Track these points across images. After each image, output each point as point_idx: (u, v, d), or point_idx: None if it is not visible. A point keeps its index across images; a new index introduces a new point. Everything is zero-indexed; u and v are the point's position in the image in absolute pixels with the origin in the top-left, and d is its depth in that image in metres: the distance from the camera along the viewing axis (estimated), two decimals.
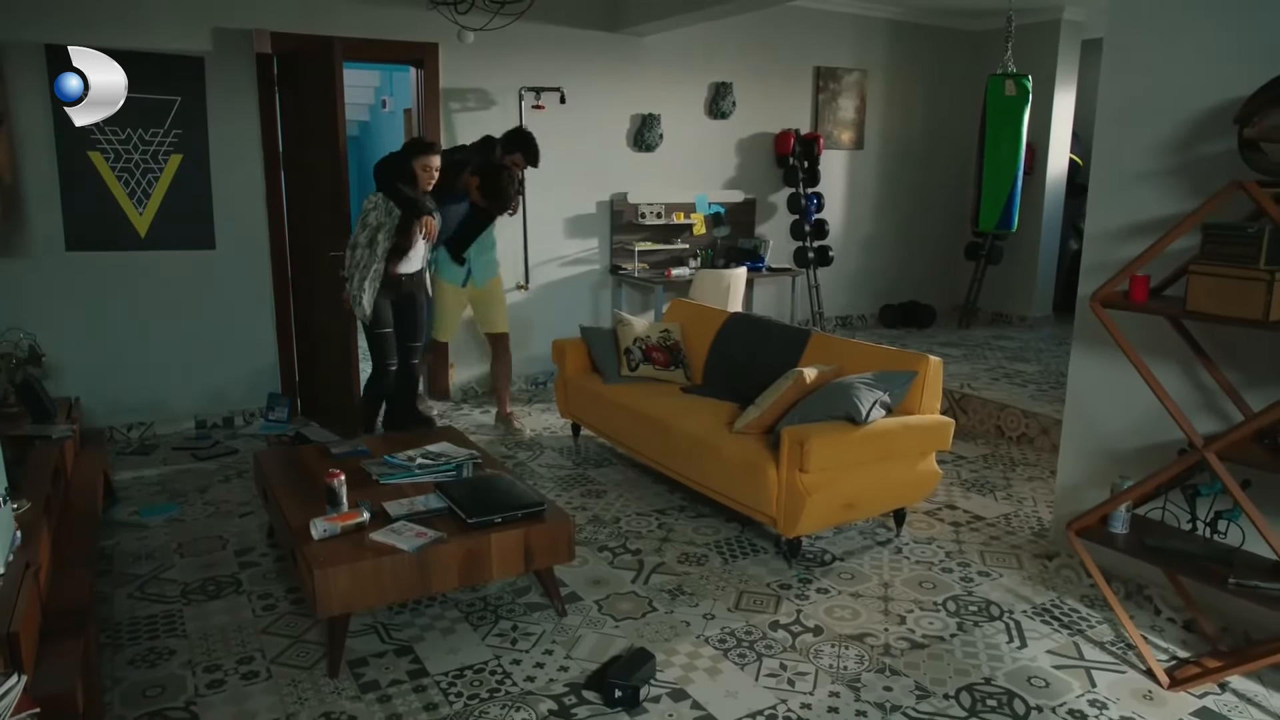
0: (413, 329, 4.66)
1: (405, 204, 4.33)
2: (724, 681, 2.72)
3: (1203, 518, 2.80)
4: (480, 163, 4.91)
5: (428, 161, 4.35)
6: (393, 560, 2.72)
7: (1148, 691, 2.69)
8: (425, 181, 4.38)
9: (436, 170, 4.39)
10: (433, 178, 4.39)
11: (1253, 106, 2.51)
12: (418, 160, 4.35)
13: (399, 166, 4.37)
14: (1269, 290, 2.36)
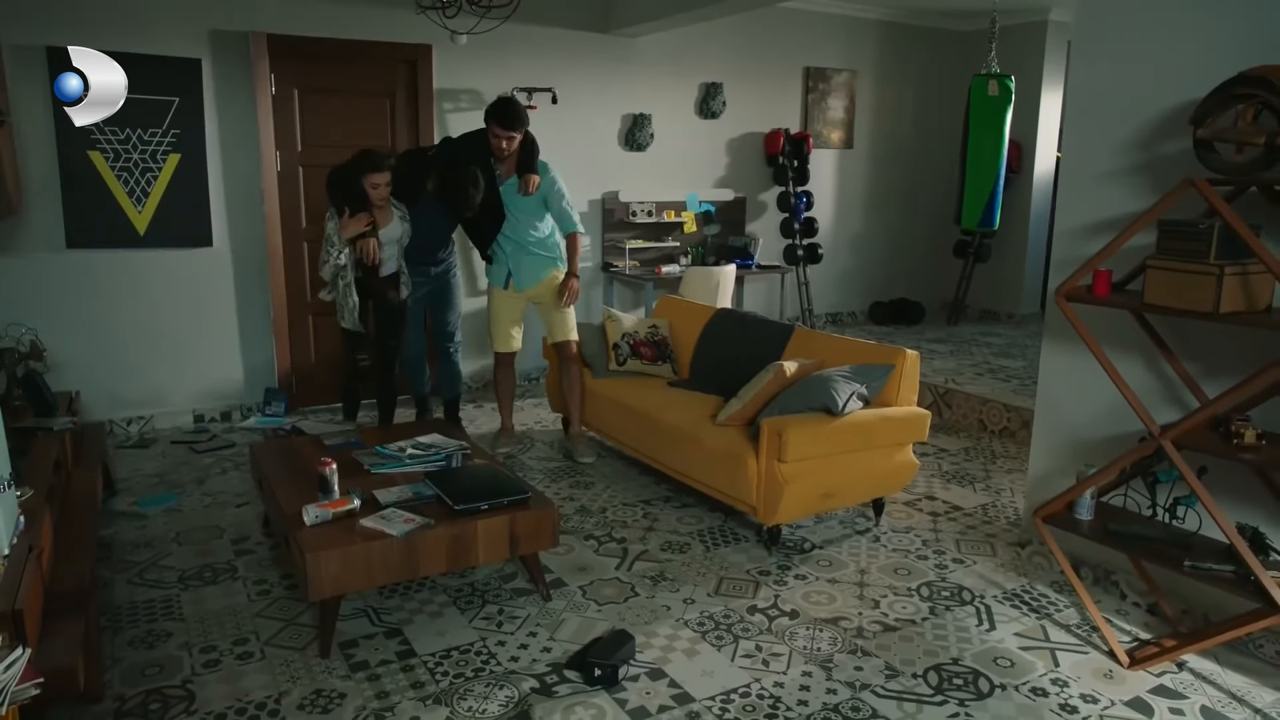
0: (386, 328, 4.68)
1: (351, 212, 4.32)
2: (701, 662, 2.82)
3: (1162, 504, 2.91)
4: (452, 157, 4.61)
5: (374, 179, 4.26)
6: (382, 545, 2.82)
7: (1108, 671, 2.80)
8: (375, 198, 4.30)
9: (384, 186, 4.29)
10: (383, 194, 4.30)
11: (1206, 108, 2.61)
12: (365, 177, 4.26)
13: (349, 183, 4.31)
14: (1219, 284, 2.46)
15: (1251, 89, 2.50)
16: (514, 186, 4.48)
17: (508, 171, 4.49)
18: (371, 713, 2.55)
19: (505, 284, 4.65)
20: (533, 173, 4.44)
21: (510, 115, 4.31)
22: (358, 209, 4.31)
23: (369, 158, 4.28)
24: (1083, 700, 2.64)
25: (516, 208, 4.50)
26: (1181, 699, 2.65)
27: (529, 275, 4.61)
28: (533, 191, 4.44)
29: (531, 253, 4.58)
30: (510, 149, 4.38)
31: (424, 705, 2.58)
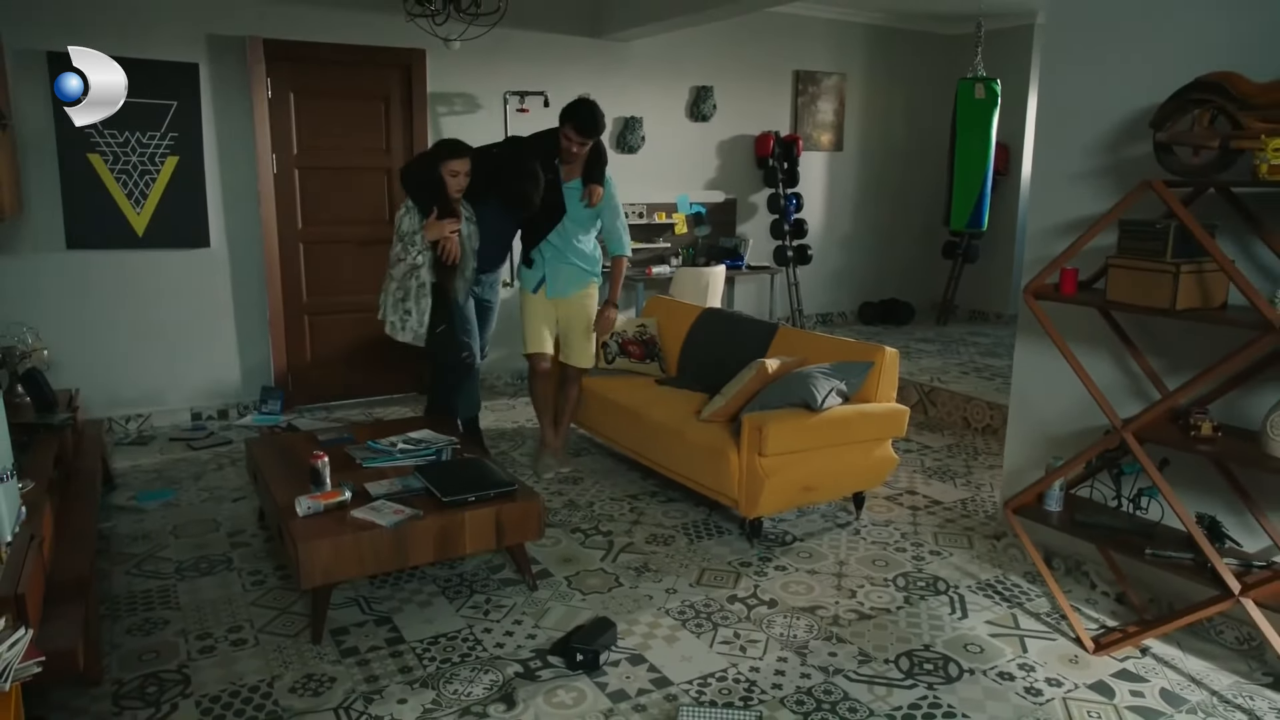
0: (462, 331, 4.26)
1: (434, 210, 3.99)
2: (680, 648, 2.92)
3: (1127, 495, 3.00)
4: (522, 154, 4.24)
5: (453, 166, 3.96)
6: (371, 535, 2.91)
7: (1074, 656, 2.90)
8: (452, 188, 3.98)
9: (464, 175, 3.98)
10: (461, 184, 3.99)
11: (1165, 112, 2.71)
12: (444, 165, 3.96)
13: (427, 172, 4.02)
14: (1175, 282, 2.56)
15: (1206, 94, 2.60)
16: (574, 192, 4.28)
17: (570, 174, 4.27)
18: (360, 695, 2.64)
19: (537, 289, 4.41)
20: (598, 184, 4.26)
21: (589, 122, 4.08)
22: (435, 204, 4.00)
23: (448, 144, 4.05)
24: (1047, 684, 2.73)
25: (569, 214, 4.29)
26: (1142, 682, 2.75)
27: (563, 284, 4.37)
28: (595, 203, 4.24)
29: (571, 262, 4.34)
30: (580, 154, 4.18)
31: (411, 688, 2.68)
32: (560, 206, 4.26)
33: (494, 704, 2.60)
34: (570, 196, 4.26)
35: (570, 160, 4.22)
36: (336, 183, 5.67)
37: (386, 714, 2.55)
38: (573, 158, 4.20)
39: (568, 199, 4.26)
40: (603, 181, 4.29)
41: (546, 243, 4.35)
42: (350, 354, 5.89)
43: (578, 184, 4.27)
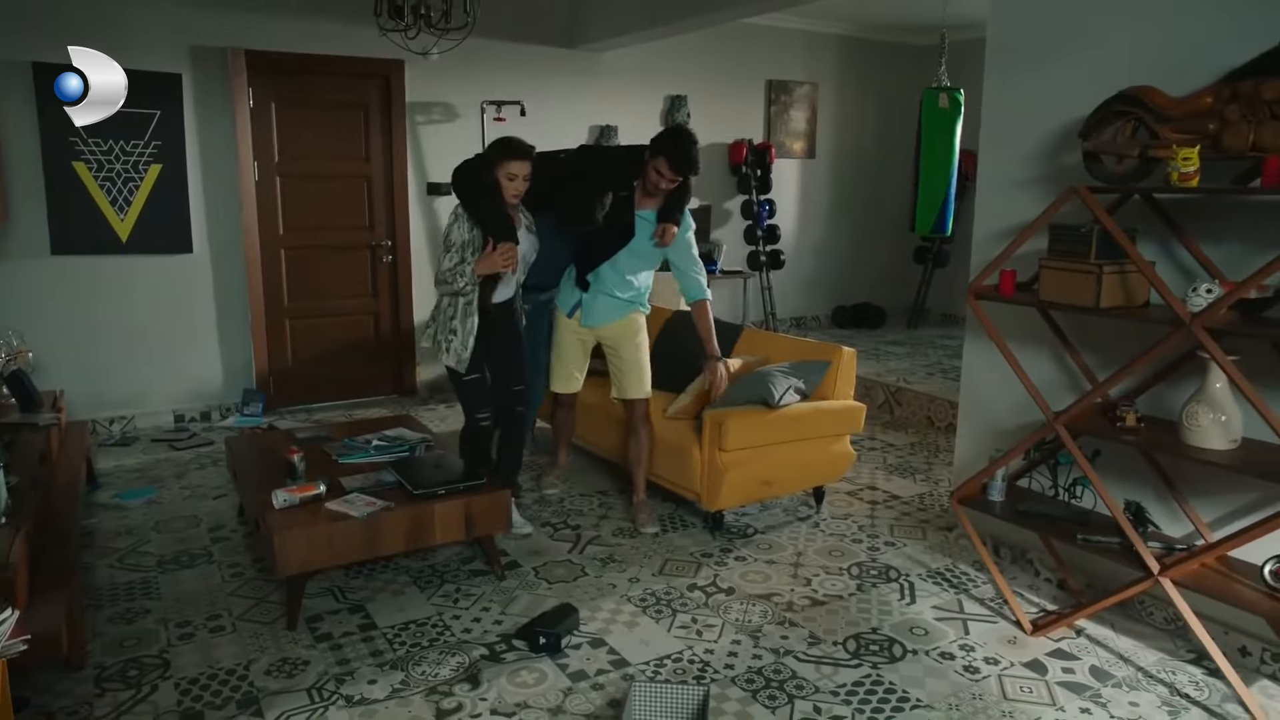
0: (509, 369, 3.77)
1: (487, 222, 3.49)
2: (640, 632, 3.06)
3: (1063, 484, 3.17)
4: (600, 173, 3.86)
5: (512, 168, 3.45)
6: (345, 525, 3.05)
7: (1013, 638, 3.05)
8: (509, 192, 3.48)
9: (524, 179, 3.47)
10: (519, 188, 3.48)
11: (1092, 123, 2.88)
12: (501, 166, 3.45)
13: (481, 174, 3.53)
14: (1098, 282, 2.73)
15: (1128, 106, 2.77)
16: (645, 223, 3.80)
17: (646, 202, 3.80)
18: (332, 677, 2.78)
19: (572, 313, 3.98)
20: (674, 223, 3.78)
21: (686, 161, 3.62)
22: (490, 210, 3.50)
23: (507, 142, 3.51)
24: (985, 662, 2.89)
25: (633, 242, 3.81)
26: (1074, 660, 2.91)
27: (601, 313, 3.93)
28: (667, 243, 3.80)
29: (613, 295, 3.91)
30: (666, 189, 3.70)
31: (381, 670, 2.82)
32: (628, 229, 3.78)
33: (459, 684, 2.74)
34: (640, 226, 3.80)
35: (653, 194, 3.75)
36: (317, 190, 5.81)
37: (357, 693, 2.69)
38: (658, 193, 3.73)
39: (638, 229, 3.80)
40: (680, 221, 3.82)
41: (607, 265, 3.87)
42: (331, 357, 6.02)
43: (651, 215, 3.81)
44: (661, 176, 3.63)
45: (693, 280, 3.90)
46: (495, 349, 3.68)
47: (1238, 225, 2.77)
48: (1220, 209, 2.81)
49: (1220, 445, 2.60)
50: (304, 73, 5.61)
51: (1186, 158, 2.52)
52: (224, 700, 2.65)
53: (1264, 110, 2.44)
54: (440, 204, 6.20)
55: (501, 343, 3.70)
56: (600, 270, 3.88)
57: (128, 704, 2.63)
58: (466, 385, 3.66)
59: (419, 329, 6.23)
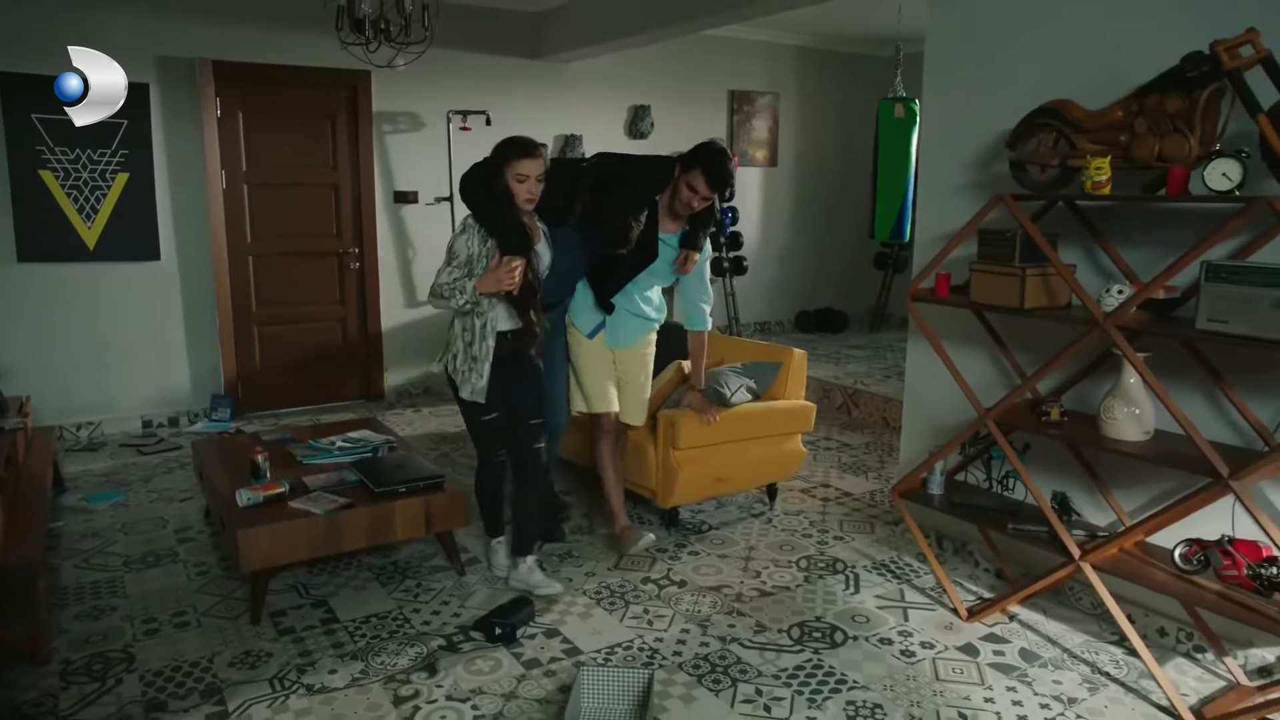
0: (529, 401, 3.37)
1: (503, 232, 3.12)
2: (593, 623, 3.19)
3: (996, 477, 3.33)
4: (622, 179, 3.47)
5: (522, 168, 3.06)
6: (307, 522, 3.15)
7: (949, 624, 3.20)
8: (521, 196, 3.09)
9: (536, 180, 3.09)
10: (532, 191, 3.10)
11: (1017, 134, 3.05)
12: (510, 167, 3.07)
13: (491, 179, 3.12)
14: (1022, 284, 2.88)
15: (1049, 119, 2.94)
16: (667, 248, 3.62)
17: (669, 225, 3.60)
18: (294, 667, 2.87)
19: (593, 334, 3.73)
20: (697, 249, 3.62)
21: (724, 176, 3.42)
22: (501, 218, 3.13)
23: (516, 141, 3.13)
24: (921, 647, 3.04)
25: (652, 268, 3.63)
26: (1005, 643, 3.06)
27: (627, 334, 3.75)
28: (688, 272, 3.67)
29: (638, 312, 3.75)
30: (697, 208, 3.49)
31: (342, 660, 2.92)
32: (653, 250, 3.55)
33: (417, 673, 2.85)
34: (662, 251, 3.60)
35: (682, 213, 3.54)
36: (285, 198, 5.90)
37: (317, 682, 2.79)
38: (687, 211, 3.51)
39: (660, 249, 3.59)
40: (701, 248, 3.65)
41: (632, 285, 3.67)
42: (299, 363, 6.10)
43: (674, 239, 3.62)
44: (695, 193, 3.40)
45: (699, 309, 3.79)
46: (508, 381, 3.28)
47: (1150, 230, 2.94)
48: (1135, 215, 2.98)
49: (1134, 437, 2.76)
50: (271, 83, 5.70)
51: (1099, 167, 2.69)
52: (187, 691, 2.74)
53: (1167, 123, 2.61)
54: (407, 212, 6.31)
55: (516, 374, 3.31)
56: (628, 291, 3.66)
57: (93, 695, 2.71)
58: (485, 425, 3.31)
59: (389, 335, 6.34)
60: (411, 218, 6.34)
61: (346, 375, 6.31)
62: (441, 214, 6.36)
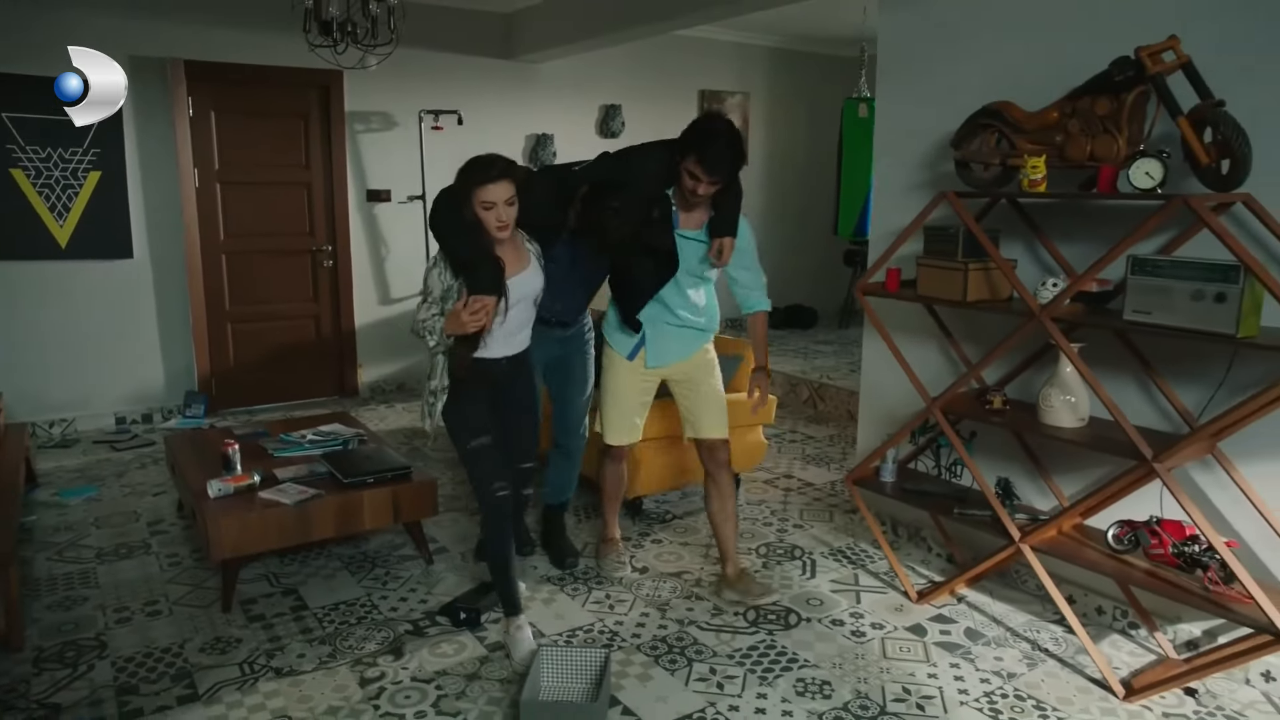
0: (521, 440, 3.15)
1: (468, 269, 2.78)
2: (556, 608, 3.29)
3: (945, 464, 3.46)
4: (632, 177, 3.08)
5: (486, 194, 2.71)
6: (277, 512, 3.23)
7: (900, 605, 3.33)
8: (493, 224, 2.74)
9: (507, 204, 2.74)
10: (503, 217, 2.75)
11: (961, 134, 3.17)
12: (474, 195, 2.73)
13: (459, 209, 2.78)
14: (964, 278, 3.01)
15: (991, 119, 3.06)
16: (695, 245, 3.17)
17: (691, 220, 3.16)
18: (263, 652, 2.96)
19: (633, 355, 3.32)
20: (731, 235, 3.12)
21: (722, 158, 2.93)
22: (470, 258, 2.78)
23: (477, 163, 2.77)
24: (871, 627, 3.16)
25: (684, 266, 3.18)
26: (952, 623, 3.19)
27: (671, 349, 3.31)
28: (726, 262, 3.17)
29: (682, 322, 3.29)
30: (707, 195, 3.03)
31: (310, 645, 3.00)
32: (673, 258, 3.12)
33: (383, 655, 2.94)
34: (687, 248, 3.15)
35: (691, 205, 3.11)
36: (258, 197, 5.95)
37: (286, 666, 2.88)
38: (699, 202, 3.07)
39: (683, 250, 3.14)
40: (736, 230, 3.15)
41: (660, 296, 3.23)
42: (273, 360, 6.16)
43: (700, 234, 3.16)
44: (698, 181, 2.95)
45: (755, 290, 3.36)
46: (498, 409, 3.01)
47: (1087, 227, 3.07)
48: (1072, 212, 3.11)
49: (1070, 424, 2.89)
50: (243, 82, 5.75)
51: (1035, 166, 2.82)
52: (159, 675, 2.82)
53: (1098, 125, 2.74)
54: (380, 210, 6.38)
55: (509, 400, 3.06)
56: (657, 300, 3.22)
57: (65, 681, 2.79)
58: (470, 455, 2.95)
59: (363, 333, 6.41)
60: (384, 216, 6.42)
61: (320, 372, 6.38)
62: (414, 212, 6.43)
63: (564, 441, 3.66)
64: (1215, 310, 2.39)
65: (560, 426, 3.64)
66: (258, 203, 5.96)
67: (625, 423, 3.41)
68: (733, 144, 2.96)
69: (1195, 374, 2.82)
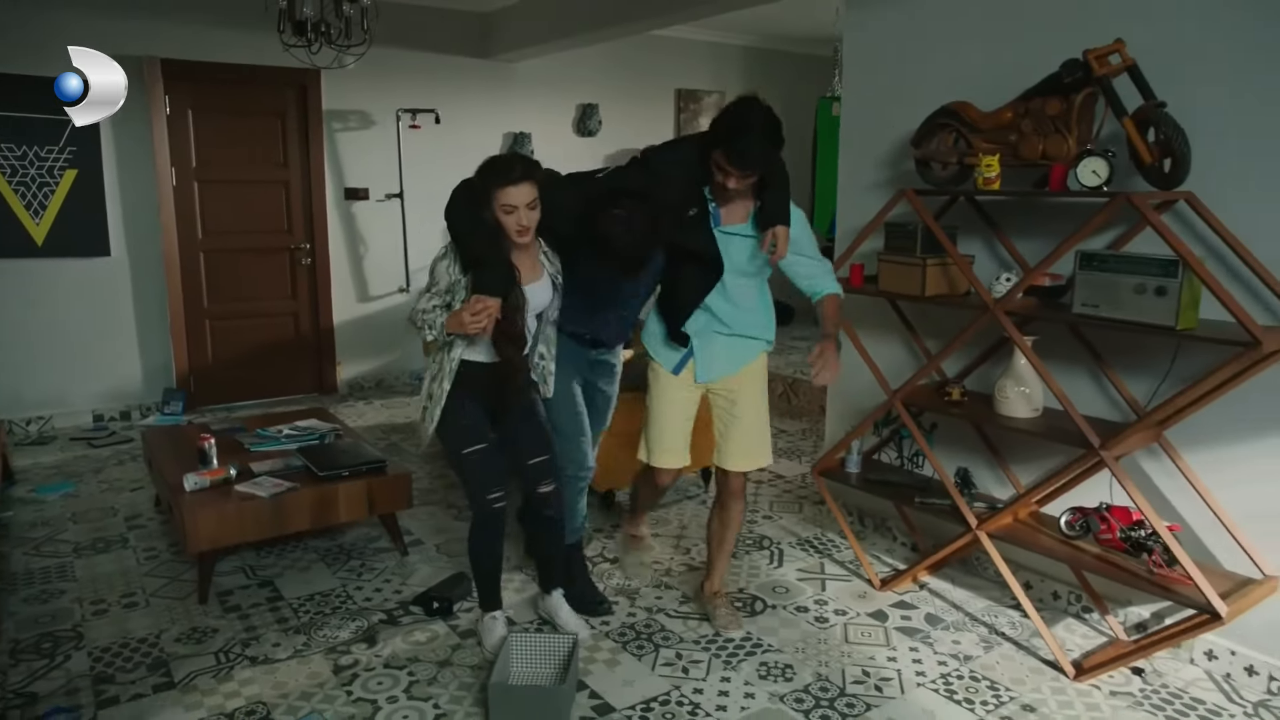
0: (528, 438, 2.94)
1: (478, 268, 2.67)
2: (527, 597, 3.35)
3: (907, 455, 3.55)
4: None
5: (507, 197, 2.61)
6: (253, 505, 3.29)
7: (863, 593, 3.42)
8: (512, 228, 2.65)
9: (528, 208, 2.63)
10: (524, 221, 2.64)
11: (921, 133, 3.27)
12: (494, 197, 2.63)
13: (479, 210, 2.68)
14: (923, 273, 3.10)
15: (948, 119, 3.16)
16: (742, 242, 2.84)
17: (733, 214, 2.84)
18: (239, 641, 3.01)
19: (679, 369, 2.99)
20: (783, 224, 2.78)
21: (748, 153, 2.61)
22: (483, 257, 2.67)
23: (498, 164, 2.68)
24: (835, 614, 3.25)
25: (732, 266, 2.85)
26: (913, 609, 3.28)
27: (723, 361, 2.96)
28: (782, 254, 2.80)
29: (731, 330, 2.93)
30: (741, 188, 2.73)
31: (285, 634, 3.06)
32: (715, 261, 2.80)
33: (357, 644, 3.00)
34: (730, 245, 2.82)
35: (726, 199, 2.80)
36: (236, 195, 5.99)
37: (261, 654, 2.93)
38: (728, 196, 2.77)
39: (728, 249, 2.81)
40: (788, 218, 2.81)
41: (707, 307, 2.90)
42: (252, 357, 6.19)
43: (745, 227, 2.84)
44: (728, 175, 2.65)
45: (822, 274, 2.94)
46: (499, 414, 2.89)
47: (1041, 223, 3.16)
48: (1028, 209, 3.21)
49: (1024, 414, 2.99)
50: (221, 81, 5.78)
51: (989, 164, 2.91)
52: (135, 665, 2.87)
53: (1049, 125, 2.83)
54: (359, 208, 6.42)
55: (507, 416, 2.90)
56: (705, 307, 2.89)
57: (41, 671, 2.83)
58: (466, 461, 2.83)
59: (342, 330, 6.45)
60: (362, 214, 6.46)
61: (299, 369, 6.41)
62: (392, 210, 6.48)
63: (572, 472, 3.21)
64: (1157, 303, 2.49)
65: (569, 456, 3.18)
66: (236, 201, 5.99)
67: (668, 440, 3.05)
68: (768, 133, 2.63)
69: (1143, 365, 2.91)
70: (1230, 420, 2.72)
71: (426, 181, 6.35)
